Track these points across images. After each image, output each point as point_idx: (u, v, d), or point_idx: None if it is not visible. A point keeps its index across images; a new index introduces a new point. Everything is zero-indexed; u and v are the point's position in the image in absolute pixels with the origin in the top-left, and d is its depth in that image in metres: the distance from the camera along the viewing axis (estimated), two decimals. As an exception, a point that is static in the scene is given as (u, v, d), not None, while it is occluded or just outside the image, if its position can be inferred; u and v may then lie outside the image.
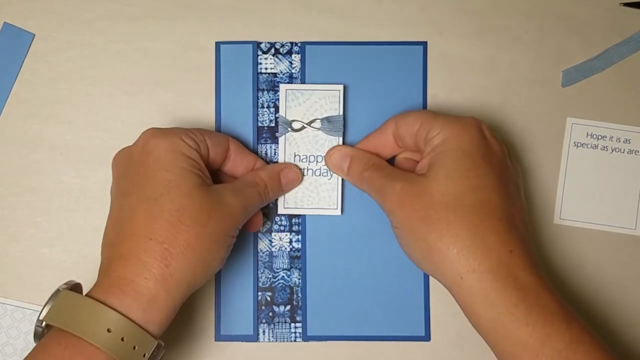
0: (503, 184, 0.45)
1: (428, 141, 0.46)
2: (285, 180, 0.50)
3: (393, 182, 0.46)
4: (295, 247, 0.52)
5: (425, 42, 0.53)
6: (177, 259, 0.42)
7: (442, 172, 0.44)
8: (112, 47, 0.53)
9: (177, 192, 0.43)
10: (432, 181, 0.44)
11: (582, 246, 0.52)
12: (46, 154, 0.52)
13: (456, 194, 0.43)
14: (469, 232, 0.43)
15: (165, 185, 0.43)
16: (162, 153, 0.44)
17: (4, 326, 0.51)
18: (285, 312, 0.52)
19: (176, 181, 0.43)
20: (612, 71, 0.53)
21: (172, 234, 0.42)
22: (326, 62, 0.52)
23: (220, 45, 0.52)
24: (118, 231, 0.43)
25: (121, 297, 0.41)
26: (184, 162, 0.44)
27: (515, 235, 0.43)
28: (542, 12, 0.53)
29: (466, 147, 0.45)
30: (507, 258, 0.42)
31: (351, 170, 0.50)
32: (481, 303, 0.42)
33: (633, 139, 0.52)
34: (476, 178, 0.44)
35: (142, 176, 0.43)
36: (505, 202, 0.44)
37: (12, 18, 0.52)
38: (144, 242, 0.41)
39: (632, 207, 0.52)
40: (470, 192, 0.43)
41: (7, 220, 0.52)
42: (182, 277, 0.42)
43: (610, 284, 0.52)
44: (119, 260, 0.42)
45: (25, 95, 0.52)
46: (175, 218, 0.42)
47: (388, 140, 0.49)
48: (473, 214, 0.43)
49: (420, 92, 0.52)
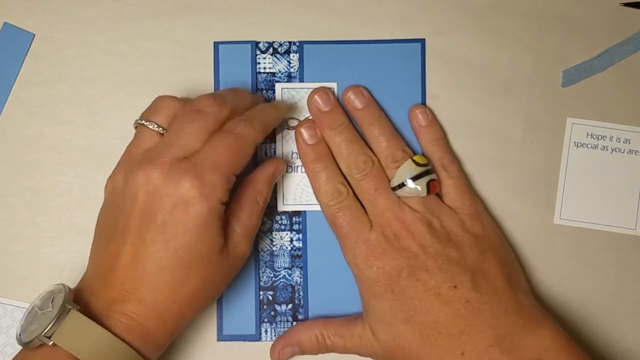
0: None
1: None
2: (277, 177, 0.50)
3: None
4: (296, 246, 0.52)
5: (424, 39, 0.53)
6: (191, 317, 0.45)
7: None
8: (112, 47, 0.53)
9: (204, 263, 0.43)
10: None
11: (582, 246, 0.52)
12: (46, 154, 0.52)
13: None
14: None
15: (194, 254, 0.43)
16: (200, 222, 0.42)
17: (4, 326, 0.51)
18: (287, 311, 0.52)
19: (205, 251, 0.43)
20: (612, 71, 0.53)
21: (193, 301, 0.44)
22: (324, 61, 0.52)
23: (218, 45, 0.52)
24: (139, 271, 0.42)
25: (131, 337, 0.42)
26: (214, 227, 0.43)
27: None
28: (542, 12, 0.53)
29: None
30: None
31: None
32: None
33: (633, 139, 0.52)
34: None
35: (173, 237, 0.42)
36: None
37: (12, 18, 0.52)
38: (167, 304, 0.43)
39: (632, 207, 0.52)
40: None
41: (7, 220, 0.52)
42: (190, 321, 0.46)
43: (610, 284, 0.52)
44: (132, 301, 0.42)
45: (25, 95, 0.52)
46: (199, 289, 0.44)
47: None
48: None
49: (419, 90, 0.52)
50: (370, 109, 0.50)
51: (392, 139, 0.50)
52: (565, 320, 0.52)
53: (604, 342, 0.52)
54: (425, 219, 0.47)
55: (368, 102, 0.50)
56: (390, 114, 0.52)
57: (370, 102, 0.50)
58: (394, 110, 0.52)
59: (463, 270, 0.46)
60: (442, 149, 0.51)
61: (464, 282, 0.46)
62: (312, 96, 0.50)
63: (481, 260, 0.47)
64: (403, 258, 0.46)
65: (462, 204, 0.49)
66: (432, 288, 0.46)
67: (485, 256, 0.47)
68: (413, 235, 0.47)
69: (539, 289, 0.52)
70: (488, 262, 0.47)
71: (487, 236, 0.49)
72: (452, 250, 0.47)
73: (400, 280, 0.46)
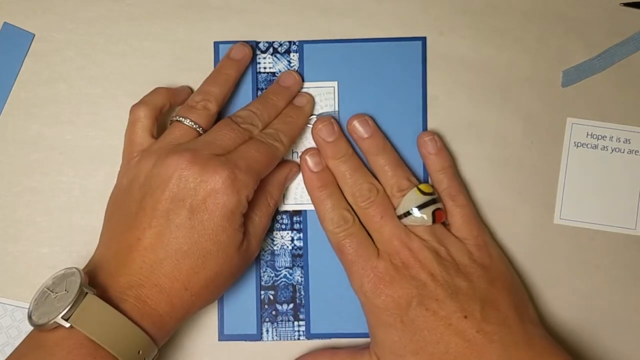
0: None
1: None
2: (289, 182, 0.52)
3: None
4: (297, 245, 0.52)
5: (424, 37, 0.53)
6: (199, 306, 0.46)
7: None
8: (112, 47, 0.53)
9: (222, 255, 0.45)
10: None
11: (582, 246, 0.52)
12: (46, 154, 0.52)
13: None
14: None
15: (215, 244, 0.44)
16: (227, 213, 0.44)
17: (4, 326, 0.51)
18: (289, 310, 0.52)
19: (225, 243, 0.45)
20: (612, 71, 0.53)
21: (205, 290, 0.45)
22: (324, 61, 0.52)
23: (219, 45, 0.52)
24: (160, 255, 0.44)
25: (144, 321, 0.43)
26: (238, 222, 0.45)
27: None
28: (542, 12, 0.53)
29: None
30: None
31: None
32: None
33: (633, 139, 0.52)
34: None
35: (200, 223, 0.44)
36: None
37: (12, 18, 0.52)
38: (180, 291, 0.44)
39: (632, 207, 0.52)
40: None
41: (7, 220, 0.52)
42: (196, 311, 0.46)
43: (610, 284, 0.52)
44: (148, 285, 0.43)
45: (25, 95, 0.52)
46: (212, 279, 0.45)
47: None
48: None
49: (419, 89, 0.52)
50: (376, 138, 0.50)
51: (398, 168, 0.50)
52: (565, 320, 0.52)
53: (604, 342, 0.52)
54: (432, 247, 0.47)
55: (373, 131, 0.50)
56: (390, 111, 0.52)
57: (375, 131, 0.50)
58: (394, 108, 0.52)
59: (472, 301, 0.46)
60: (449, 177, 0.50)
61: (473, 312, 0.45)
62: (317, 126, 0.50)
63: (490, 290, 0.47)
64: (412, 287, 0.46)
65: (469, 234, 0.49)
66: (443, 318, 0.45)
67: (494, 286, 0.47)
68: (421, 263, 0.47)
69: (539, 289, 0.52)
70: (497, 293, 0.47)
71: (495, 266, 0.48)
72: (461, 280, 0.46)
73: (409, 310, 0.46)
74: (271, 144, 0.47)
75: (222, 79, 0.50)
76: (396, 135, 0.52)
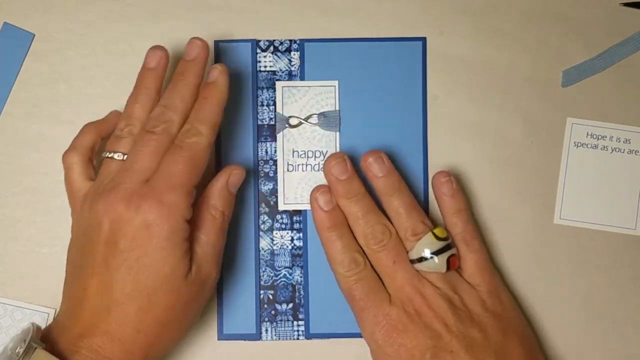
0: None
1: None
2: (233, 188, 0.48)
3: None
4: (296, 245, 0.52)
5: (424, 37, 0.53)
6: (162, 348, 0.44)
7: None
8: (112, 47, 0.53)
9: (168, 288, 0.42)
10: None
11: (582, 246, 0.52)
12: (46, 154, 0.52)
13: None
14: None
15: (158, 279, 0.42)
16: (163, 243, 0.42)
17: (4, 326, 0.51)
18: (288, 310, 0.52)
19: (169, 275, 0.42)
20: (612, 71, 0.53)
21: (161, 329, 0.43)
22: (325, 60, 0.52)
23: (219, 43, 0.52)
24: (106, 301, 0.42)
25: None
26: (180, 249, 0.43)
27: None
28: (542, 12, 0.53)
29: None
30: None
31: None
32: None
33: (633, 139, 0.52)
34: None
35: (136, 261, 0.42)
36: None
37: (12, 18, 0.52)
38: (132, 335, 0.42)
39: (632, 207, 0.52)
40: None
41: (7, 220, 0.52)
42: (163, 352, 0.45)
43: (610, 284, 0.52)
44: (98, 334, 0.42)
45: (25, 95, 0.52)
46: (165, 316, 0.43)
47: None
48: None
49: (420, 89, 0.52)
50: (391, 178, 0.48)
51: (413, 211, 0.48)
52: (565, 320, 0.52)
53: (604, 341, 0.52)
54: (446, 295, 0.46)
55: (388, 169, 0.48)
56: (391, 111, 0.52)
57: (390, 170, 0.48)
58: (394, 108, 0.52)
59: (487, 352, 0.45)
60: (464, 221, 0.49)
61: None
62: (329, 163, 0.48)
63: (504, 340, 0.46)
64: (427, 337, 0.45)
65: (482, 280, 0.48)
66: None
67: (507, 336, 0.47)
68: (435, 312, 0.46)
69: (539, 289, 0.52)
70: (510, 343, 0.46)
71: (507, 314, 0.48)
72: (475, 331, 0.46)
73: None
74: (190, 143, 0.44)
75: (143, 96, 0.47)
76: (396, 135, 0.52)
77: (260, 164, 0.52)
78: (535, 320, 0.52)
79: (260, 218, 0.52)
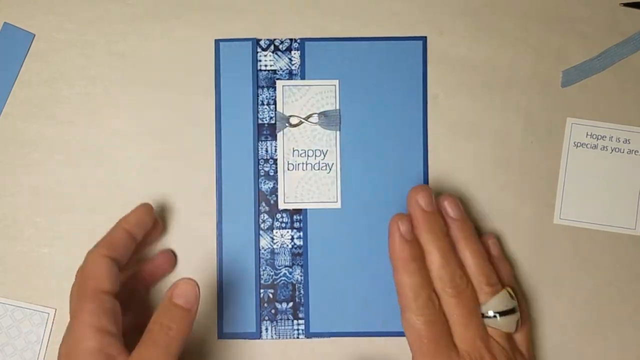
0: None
1: None
2: (183, 299, 0.43)
3: None
4: (296, 244, 0.52)
5: (425, 37, 0.53)
6: None
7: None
8: (112, 47, 0.53)
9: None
10: None
11: (582, 246, 0.52)
12: (46, 154, 0.52)
13: None
14: None
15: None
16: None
17: (4, 326, 0.51)
18: (288, 309, 0.52)
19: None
20: (612, 71, 0.53)
21: None
22: (326, 59, 0.52)
23: (219, 42, 0.52)
24: None
25: None
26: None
27: None
28: (542, 12, 0.53)
29: None
30: None
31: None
32: None
33: (633, 139, 0.52)
34: None
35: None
36: None
37: (12, 18, 0.52)
38: None
39: (632, 207, 0.52)
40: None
41: (7, 220, 0.52)
42: None
43: (610, 284, 0.52)
44: None
45: (25, 95, 0.52)
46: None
47: None
48: None
49: (420, 88, 0.52)
50: (467, 223, 0.47)
51: (487, 262, 0.46)
52: (565, 320, 0.52)
53: (604, 341, 0.52)
54: (508, 356, 0.45)
55: (463, 216, 0.47)
56: (390, 110, 0.52)
57: (465, 216, 0.47)
58: (394, 108, 0.52)
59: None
60: (517, 286, 0.49)
61: None
62: (416, 193, 0.45)
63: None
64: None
65: (527, 350, 0.47)
66: None
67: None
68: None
69: (539, 289, 0.52)
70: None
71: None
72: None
73: None
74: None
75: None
76: (396, 135, 0.52)
77: (261, 163, 0.52)
78: (535, 320, 0.52)
79: (260, 217, 0.52)
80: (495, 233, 0.52)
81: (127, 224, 0.47)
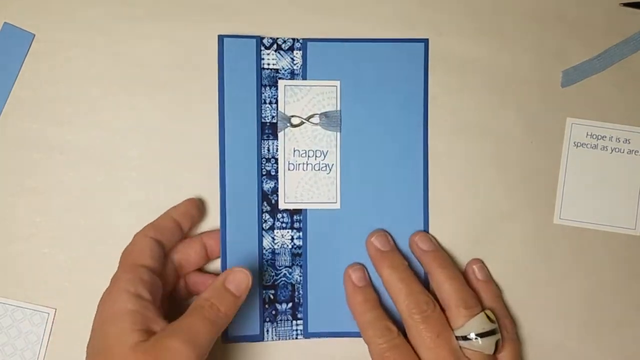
0: None
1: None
2: (234, 285, 0.45)
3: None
4: (296, 244, 0.52)
5: (427, 39, 0.53)
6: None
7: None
8: (112, 47, 0.52)
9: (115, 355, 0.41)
10: None
11: (582, 246, 0.52)
12: (46, 154, 0.52)
13: None
14: None
15: (101, 350, 0.42)
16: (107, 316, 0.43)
17: (4, 326, 0.51)
18: (287, 309, 0.52)
19: (112, 345, 0.41)
20: (612, 71, 0.53)
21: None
22: (328, 59, 0.52)
23: (223, 38, 0.52)
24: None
25: None
26: (125, 320, 0.42)
27: None
28: (542, 12, 0.53)
29: None
30: None
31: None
32: None
33: (633, 139, 0.52)
34: None
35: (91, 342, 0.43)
36: None
37: (12, 18, 0.52)
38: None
39: (632, 207, 0.52)
40: None
41: (7, 220, 0.52)
42: None
43: (610, 284, 0.52)
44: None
45: (25, 95, 0.52)
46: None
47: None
48: None
49: (421, 89, 0.52)
50: (440, 253, 0.50)
51: (464, 285, 0.48)
52: (565, 320, 0.52)
53: (603, 341, 0.52)
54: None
55: (436, 247, 0.50)
56: (392, 111, 0.52)
57: (438, 247, 0.50)
58: (395, 108, 0.52)
59: None
60: (502, 308, 0.50)
61: None
62: (371, 237, 0.50)
63: None
64: None
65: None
66: None
67: None
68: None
69: (539, 289, 0.52)
70: None
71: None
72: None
73: None
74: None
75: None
76: (396, 135, 0.52)
77: (263, 162, 0.52)
78: (535, 320, 0.52)
79: (262, 217, 0.52)
80: (495, 233, 0.52)
81: (175, 213, 0.50)
